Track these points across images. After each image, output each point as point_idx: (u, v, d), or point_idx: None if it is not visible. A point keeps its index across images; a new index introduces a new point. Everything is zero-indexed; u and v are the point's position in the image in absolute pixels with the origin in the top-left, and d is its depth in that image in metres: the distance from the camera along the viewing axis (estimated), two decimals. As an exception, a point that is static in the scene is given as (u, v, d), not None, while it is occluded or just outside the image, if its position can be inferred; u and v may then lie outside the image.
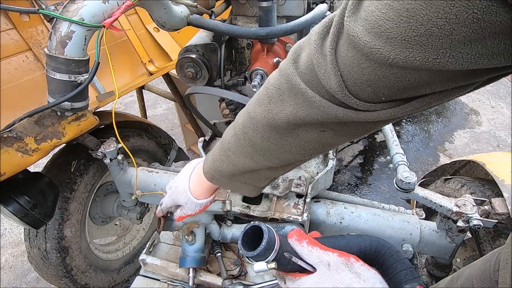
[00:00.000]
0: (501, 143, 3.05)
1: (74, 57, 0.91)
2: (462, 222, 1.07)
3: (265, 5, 1.06)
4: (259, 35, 1.05)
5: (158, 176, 1.48)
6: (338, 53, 0.44)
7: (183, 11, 1.11)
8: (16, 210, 1.13)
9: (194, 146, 2.96)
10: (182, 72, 1.21)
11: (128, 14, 1.58)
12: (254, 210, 1.22)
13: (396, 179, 1.27)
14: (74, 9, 0.89)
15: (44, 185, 1.24)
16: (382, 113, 0.45)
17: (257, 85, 1.09)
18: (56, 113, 1.05)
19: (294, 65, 0.52)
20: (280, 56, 1.20)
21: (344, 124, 0.52)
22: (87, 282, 1.58)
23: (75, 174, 1.44)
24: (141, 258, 1.20)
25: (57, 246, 1.43)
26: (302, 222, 1.13)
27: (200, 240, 1.11)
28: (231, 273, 1.19)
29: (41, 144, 1.04)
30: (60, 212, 1.41)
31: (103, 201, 1.69)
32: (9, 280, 2.06)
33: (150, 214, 1.97)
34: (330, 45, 0.44)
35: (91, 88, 1.33)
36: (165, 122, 3.47)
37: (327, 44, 0.45)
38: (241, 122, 0.64)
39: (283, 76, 0.54)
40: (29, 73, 1.18)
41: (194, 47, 1.19)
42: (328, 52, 0.44)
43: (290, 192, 1.21)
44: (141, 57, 1.57)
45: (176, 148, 2.02)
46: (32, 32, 1.21)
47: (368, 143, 3.13)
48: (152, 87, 2.47)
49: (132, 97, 3.78)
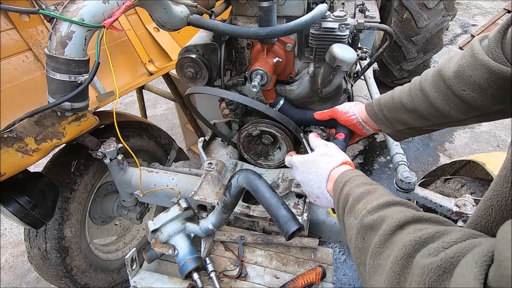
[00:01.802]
0: (501, 143, 3.05)
1: (74, 57, 0.91)
2: (462, 222, 1.07)
3: (265, 5, 1.06)
4: (259, 35, 1.05)
5: (158, 176, 1.48)
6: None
7: (183, 11, 1.10)
8: (16, 210, 1.13)
9: (194, 146, 2.96)
10: (182, 72, 1.21)
11: (128, 14, 1.58)
12: (254, 210, 1.22)
13: (396, 179, 1.27)
14: (74, 9, 0.89)
15: (44, 185, 1.24)
16: None
17: (257, 85, 1.09)
18: (56, 113, 1.05)
19: None
20: (280, 56, 1.20)
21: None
22: (87, 282, 1.58)
23: (75, 174, 1.44)
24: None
25: (57, 246, 1.43)
26: (302, 222, 1.13)
27: (183, 246, 1.12)
28: (231, 274, 1.19)
29: (41, 144, 1.04)
30: (60, 212, 1.41)
31: (103, 201, 1.69)
32: (9, 280, 2.06)
33: (150, 214, 1.97)
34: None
35: (91, 88, 1.33)
36: (165, 122, 3.47)
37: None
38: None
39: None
40: (29, 73, 1.18)
41: (194, 47, 1.19)
42: None
43: (290, 192, 1.21)
44: (141, 57, 1.57)
45: (176, 148, 2.02)
46: (32, 32, 1.21)
47: (368, 143, 3.13)
48: (152, 87, 2.47)
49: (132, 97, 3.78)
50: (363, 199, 0.63)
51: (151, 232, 1.12)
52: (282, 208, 0.94)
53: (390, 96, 1.00)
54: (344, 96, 1.29)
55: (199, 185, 1.29)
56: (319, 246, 1.23)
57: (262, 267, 1.21)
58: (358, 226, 0.57)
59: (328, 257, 1.23)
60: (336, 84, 1.14)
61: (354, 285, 2.00)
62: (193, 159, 2.91)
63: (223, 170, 1.30)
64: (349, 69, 1.19)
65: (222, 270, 1.21)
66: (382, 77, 3.52)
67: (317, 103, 1.30)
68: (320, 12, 1.04)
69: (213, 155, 1.46)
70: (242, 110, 1.35)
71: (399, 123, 0.99)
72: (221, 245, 1.30)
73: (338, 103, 1.35)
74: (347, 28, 1.08)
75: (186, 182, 1.44)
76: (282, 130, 1.27)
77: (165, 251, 1.12)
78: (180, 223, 1.14)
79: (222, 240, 1.29)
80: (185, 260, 1.09)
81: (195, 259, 1.10)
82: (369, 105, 1.06)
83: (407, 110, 0.94)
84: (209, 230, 1.14)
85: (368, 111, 1.06)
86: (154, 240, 1.14)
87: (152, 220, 1.13)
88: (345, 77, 1.28)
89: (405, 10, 2.99)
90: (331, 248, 1.27)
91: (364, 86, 1.87)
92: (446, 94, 0.84)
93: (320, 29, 1.08)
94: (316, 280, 1.12)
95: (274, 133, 1.30)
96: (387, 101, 0.99)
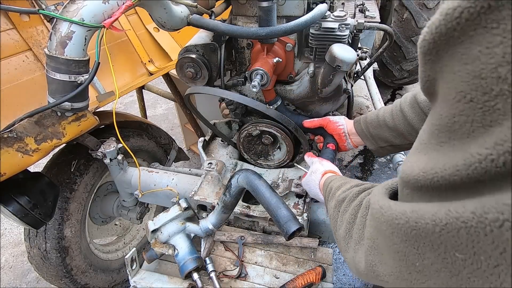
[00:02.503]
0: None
1: (74, 57, 0.91)
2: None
3: (265, 5, 1.06)
4: (259, 35, 1.05)
5: (158, 176, 1.48)
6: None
7: (183, 11, 1.10)
8: (16, 210, 1.13)
9: (194, 146, 2.96)
10: (182, 72, 1.21)
11: (128, 14, 1.58)
12: (254, 210, 1.22)
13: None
14: (74, 10, 0.89)
15: (44, 185, 1.24)
16: None
17: (256, 85, 1.09)
18: (56, 113, 1.05)
19: None
20: (280, 56, 1.20)
21: None
22: (87, 282, 1.58)
23: (75, 174, 1.44)
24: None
25: (57, 246, 1.43)
26: (302, 222, 1.13)
27: (183, 246, 1.12)
28: (231, 274, 1.19)
29: (41, 144, 1.04)
30: (60, 212, 1.41)
31: (103, 201, 1.69)
32: (9, 280, 2.06)
33: (150, 214, 1.97)
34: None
35: (91, 88, 1.33)
36: (165, 122, 3.47)
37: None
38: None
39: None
40: (29, 73, 1.18)
41: (194, 47, 1.19)
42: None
43: (290, 192, 1.21)
44: (141, 57, 1.57)
45: (176, 148, 2.03)
46: (32, 32, 1.21)
47: (368, 143, 3.13)
48: (152, 87, 2.47)
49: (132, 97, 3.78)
50: (340, 187, 0.79)
51: (151, 232, 1.12)
52: (282, 208, 0.94)
53: (375, 115, 1.12)
54: (344, 96, 1.29)
55: (199, 185, 1.29)
56: (319, 246, 1.23)
57: (262, 267, 1.21)
58: (335, 203, 0.74)
59: (328, 257, 1.23)
60: (336, 84, 1.14)
61: (354, 285, 2.00)
62: (193, 159, 2.91)
63: (223, 170, 1.30)
64: (349, 69, 1.19)
65: (222, 270, 1.21)
66: (382, 77, 3.52)
67: (317, 103, 1.30)
68: (320, 12, 1.04)
69: (213, 155, 1.46)
70: (242, 110, 1.35)
71: (381, 140, 1.12)
72: (221, 245, 1.30)
73: (338, 103, 1.35)
74: (347, 28, 1.08)
75: (186, 182, 1.44)
76: (282, 130, 1.27)
77: (165, 251, 1.12)
78: (180, 223, 1.14)
79: (222, 240, 1.29)
80: (185, 260, 1.09)
81: (195, 259, 1.10)
82: (357, 121, 1.18)
83: (389, 128, 1.07)
84: (209, 230, 1.14)
85: (356, 127, 1.19)
86: (154, 240, 1.14)
87: (152, 220, 1.13)
88: (345, 77, 1.28)
89: (405, 10, 2.99)
90: (331, 248, 1.27)
91: (364, 86, 1.87)
92: (420, 115, 0.99)
93: (320, 29, 1.08)
94: (316, 280, 1.12)
95: (274, 133, 1.30)
96: (373, 119, 1.12)
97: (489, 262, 0.26)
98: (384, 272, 0.44)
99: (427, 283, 0.34)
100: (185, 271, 1.08)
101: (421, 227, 0.32)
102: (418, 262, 0.35)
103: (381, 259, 0.46)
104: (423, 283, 0.35)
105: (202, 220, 1.15)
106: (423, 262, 0.34)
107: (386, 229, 0.40)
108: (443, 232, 0.30)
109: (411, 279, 0.37)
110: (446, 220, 0.29)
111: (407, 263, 0.37)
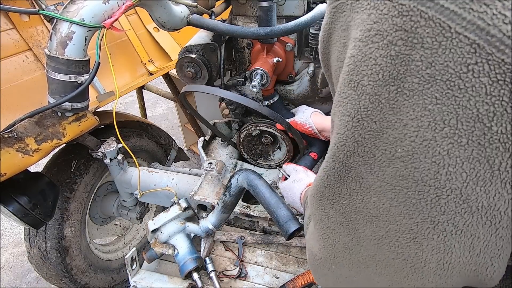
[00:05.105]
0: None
1: (74, 57, 0.91)
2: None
3: (265, 5, 1.06)
4: (259, 35, 1.05)
5: (158, 176, 1.48)
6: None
7: (183, 11, 1.11)
8: (16, 210, 1.13)
9: (194, 146, 2.96)
10: (182, 72, 1.21)
11: (128, 14, 1.58)
12: (254, 210, 1.22)
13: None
14: (75, 10, 0.89)
15: (44, 185, 1.24)
16: None
17: (256, 85, 1.09)
18: (56, 114, 1.05)
19: None
20: (280, 56, 1.20)
21: None
22: (87, 282, 1.58)
23: (75, 174, 1.44)
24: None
25: (57, 246, 1.43)
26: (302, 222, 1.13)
27: (183, 246, 1.12)
28: (231, 274, 1.19)
29: (42, 144, 1.04)
30: (60, 212, 1.41)
31: (103, 201, 1.69)
32: (9, 280, 2.06)
33: (150, 214, 1.97)
34: None
35: (91, 88, 1.33)
36: (165, 122, 3.47)
37: None
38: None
39: None
40: (29, 73, 1.18)
41: (194, 47, 1.19)
42: None
43: (290, 192, 1.21)
44: (141, 57, 1.57)
45: (176, 148, 2.03)
46: (32, 32, 1.21)
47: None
48: (152, 87, 2.47)
49: (132, 97, 3.78)
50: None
51: (151, 232, 1.12)
52: (282, 208, 0.94)
53: None
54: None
55: (199, 185, 1.29)
56: (319, 246, 1.23)
57: (262, 267, 1.21)
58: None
59: (328, 257, 1.23)
60: (336, 84, 1.14)
61: (354, 285, 2.00)
62: (193, 159, 2.91)
63: (223, 170, 1.30)
64: (349, 69, 1.19)
65: (222, 270, 1.21)
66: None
67: (317, 103, 1.30)
68: (320, 12, 1.04)
69: (213, 155, 1.46)
70: (242, 110, 1.35)
71: None
72: (221, 245, 1.30)
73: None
74: (347, 28, 1.08)
75: (186, 182, 1.44)
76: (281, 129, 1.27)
77: (165, 251, 1.12)
78: (180, 223, 1.14)
79: (222, 240, 1.29)
80: (185, 260, 1.10)
81: (195, 259, 1.10)
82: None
83: None
84: (209, 230, 1.14)
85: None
86: (154, 240, 1.14)
87: (152, 220, 1.13)
88: (345, 77, 1.28)
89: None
90: (331, 248, 1.27)
91: (364, 86, 1.87)
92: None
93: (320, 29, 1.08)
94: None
95: (274, 133, 1.30)
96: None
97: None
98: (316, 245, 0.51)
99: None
100: (185, 271, 1.08)
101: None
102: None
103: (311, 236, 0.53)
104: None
105: (202, 220, 1.16)
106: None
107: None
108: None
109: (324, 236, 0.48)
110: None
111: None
